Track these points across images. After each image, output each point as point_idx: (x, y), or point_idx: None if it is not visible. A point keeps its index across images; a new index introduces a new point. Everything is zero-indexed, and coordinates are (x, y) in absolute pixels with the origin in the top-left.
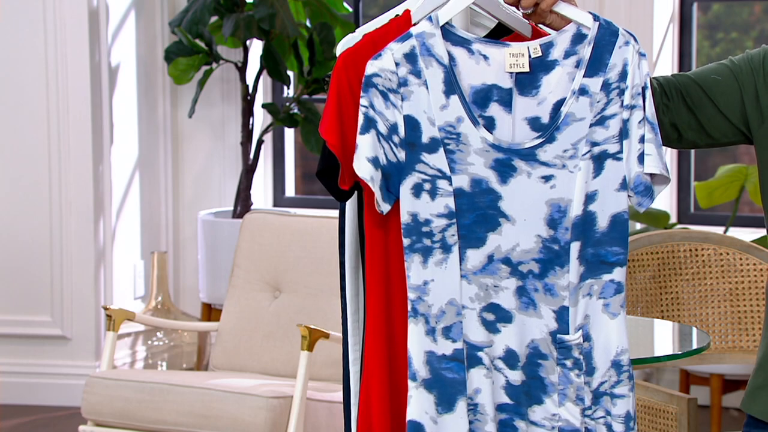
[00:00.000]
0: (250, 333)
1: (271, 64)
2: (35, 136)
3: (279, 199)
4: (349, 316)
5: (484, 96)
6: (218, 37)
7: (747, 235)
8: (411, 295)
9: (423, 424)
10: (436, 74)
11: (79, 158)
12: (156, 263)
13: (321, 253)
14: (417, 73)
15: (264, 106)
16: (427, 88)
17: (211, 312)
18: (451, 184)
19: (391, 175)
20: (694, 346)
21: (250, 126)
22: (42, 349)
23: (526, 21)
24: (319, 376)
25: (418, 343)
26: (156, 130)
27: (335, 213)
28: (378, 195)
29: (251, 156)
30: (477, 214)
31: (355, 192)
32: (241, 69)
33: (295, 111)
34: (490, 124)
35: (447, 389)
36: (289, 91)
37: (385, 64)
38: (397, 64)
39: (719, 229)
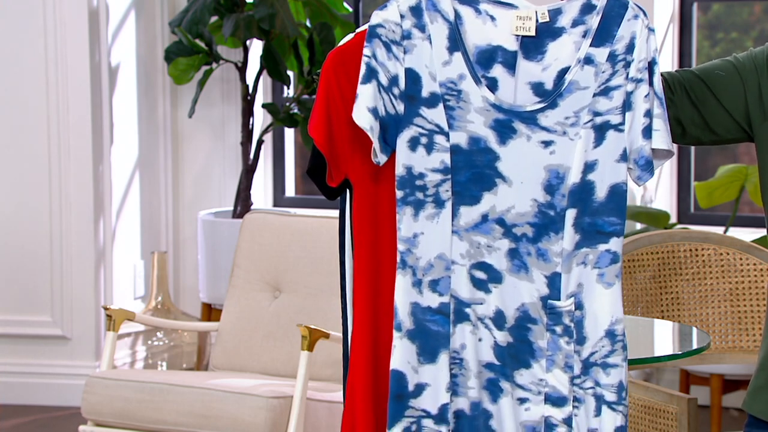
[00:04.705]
0: (250, 333)
1: (271, 64)
2: (35, 136)
3: (279, 199)
4: (349, 316)
5: (488, 56)
6: (218, 37)
7: (747, 235)
8: (400, 247)
9: (405, 374)
10: (440, 30)
11: (79, 158)
12: (156, 263)
13: (321, 253)
14: (421, 27)
15: (264, 106)
16: (430, 42)
17: (211, 312)
18: (448, 140)
19: (389, 127)
20: (694, 346)
21: (250, 126)
22: (42, 349)
23: None
24: (319, 376)
25: (403, 294)
26: (156, 130)
27: (335, 213)
28: (376, 145)
29: (251, 156)
30: (473, 172)
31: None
32: (241, 69)
33: (295, 111)
34: (492, 85)
35: (430, 341)
36: (289, 91)
37: (389, 15)
38: (401, 16)
39: (719, 229)
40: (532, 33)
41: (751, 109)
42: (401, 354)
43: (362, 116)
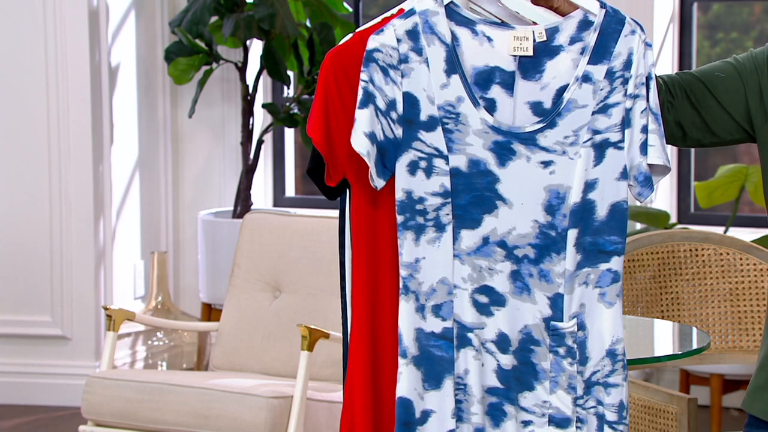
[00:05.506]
0: (250, 333)
1: (271, 64)
2: (35, 136)
3: (279, 199)
4: (349, 316)
5: (486, 78)
6: (218, 37)
7: (747, 235)
8: (402, 273)
9: (412, 401)
10: (437, 53)
11: (79, 158)
12: (156, 263)
13: (321, 253)
14: (418, 51)
15: (264, 106)
16: (428, 66)
17: (211, 312)
18: (447, 164)
19: (388, 151)
20: (694, 346)
21: (250, 126)
22: (42, 349)
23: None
24: (319, 376)
25: (407, 320)
26: (156, 130)
27: (335, 213)
28: (372, 170)
29: (251, 156)
30: (473, 195)
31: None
32: (241, 69)
33: (295, 111)
34: (490, 106)
35: (434, 366)
36: (289, 91)
37: (386, 39)
38: (398, 40)
39: (719, 229)
40: (530, 53)
41: (752, 110)
42: (408, 381)
43: (359, 141)
